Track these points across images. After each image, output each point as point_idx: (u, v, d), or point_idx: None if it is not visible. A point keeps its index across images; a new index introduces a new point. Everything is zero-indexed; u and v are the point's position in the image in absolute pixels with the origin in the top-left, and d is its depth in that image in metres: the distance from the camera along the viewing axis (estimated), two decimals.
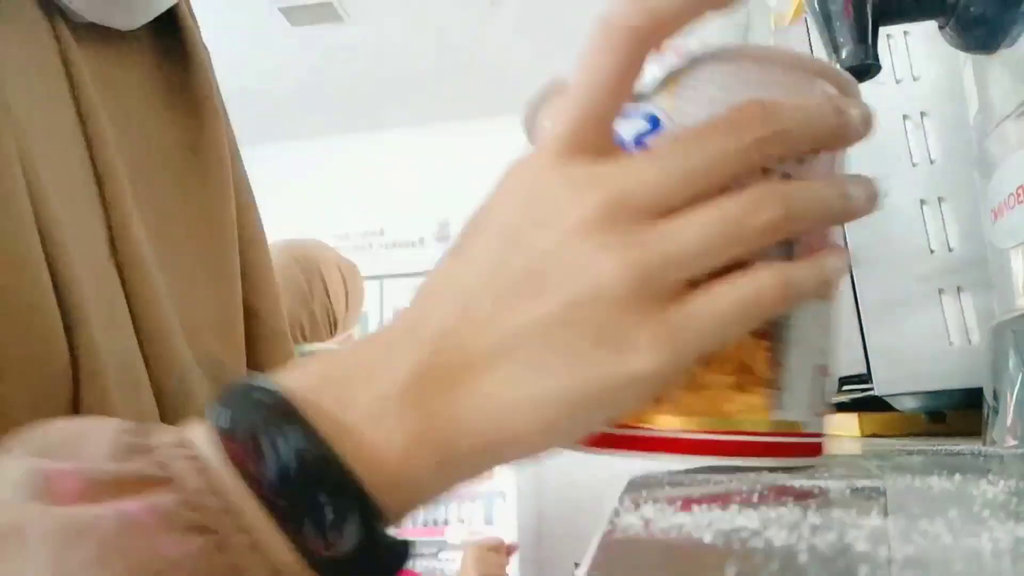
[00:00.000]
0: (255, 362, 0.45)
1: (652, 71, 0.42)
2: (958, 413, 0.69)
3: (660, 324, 0.23)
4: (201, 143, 0.44)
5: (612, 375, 0.23)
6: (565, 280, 0.23)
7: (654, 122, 0.44)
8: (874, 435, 0.72)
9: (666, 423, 0.42)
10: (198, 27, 0.46)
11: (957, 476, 0.34)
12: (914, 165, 0.71)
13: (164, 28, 0.43)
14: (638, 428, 0.43)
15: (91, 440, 0.22)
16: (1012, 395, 0.50)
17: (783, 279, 0.24)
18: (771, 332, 0.43)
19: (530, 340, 0.23)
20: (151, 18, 0.39)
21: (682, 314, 0.23)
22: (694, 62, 0.41)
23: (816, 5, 0.54)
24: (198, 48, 0.45)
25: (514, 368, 0.23)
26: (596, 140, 0.25)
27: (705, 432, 0.41)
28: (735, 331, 0.24)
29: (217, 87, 0.47)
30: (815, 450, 0.45)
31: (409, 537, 0.26)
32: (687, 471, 0.45)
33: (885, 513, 0.24)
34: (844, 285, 0.66)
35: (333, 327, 1.44)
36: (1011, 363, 0.51)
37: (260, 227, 0.49)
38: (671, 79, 0.43)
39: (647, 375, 0.23)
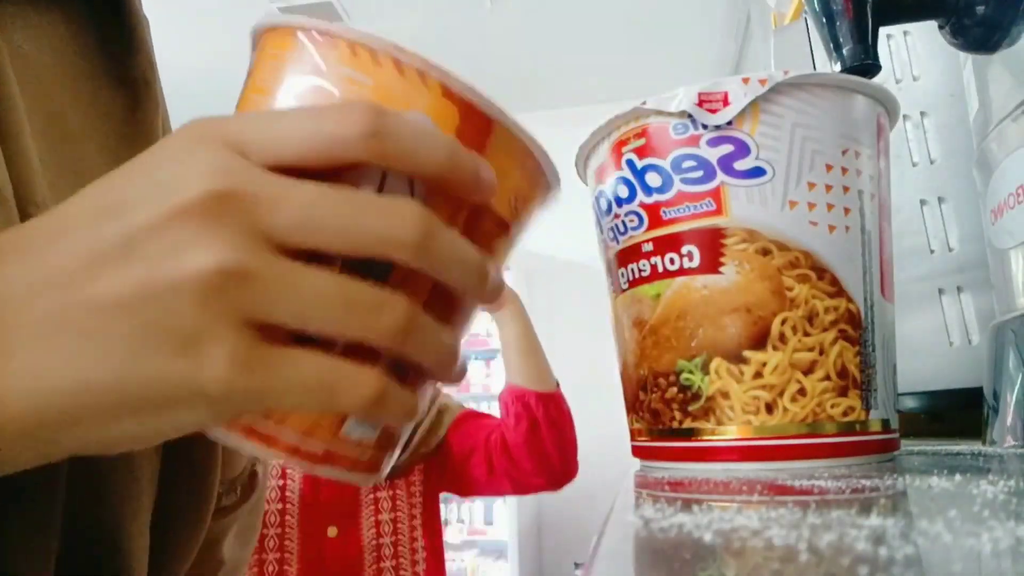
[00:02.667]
0: None
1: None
2: (958, 413, 0.69)
3: (245, 347, 0.20)
4: (133, 123, 0.43)
5: (170, 378, 0.20)
6: (150, 258, 0.20)
7: (742, 147, 0.45)
8: None
9: (760, 431, 0.44)
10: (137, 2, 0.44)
11: (957, 476, 0.34)
12: (914, 165, 0.71)
13: (102, 3, 0.42)
14: (722, 440, 0.44)
15: None
16: (1012, 395, 0.50)
17: (376, 396, 0.22)
18: (860, 337, 0.45)
19: (95, 315, 0.20)
20: None
21: (274, 354, 0.21)
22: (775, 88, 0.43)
23: (816, 5, 0.54)
24: (138, 23, 0.44)
25: (68, 341, 0.20)
26: (272, 160, 0.22)
27: (804, 437, 0.43)
28: (310, 405, 0.22)
29: (156, 70, 0.45)
30: (896, 445, 0.47)
31: None
32: (688, 472, 0.45)
33: (885, 513, 0.24)
34: None
35: None
36: (1011, 363, 0.51)
37: None
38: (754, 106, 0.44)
39: (210, 393, 0.20)
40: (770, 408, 0.43)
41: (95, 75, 0.41)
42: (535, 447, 1.03)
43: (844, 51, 0.53)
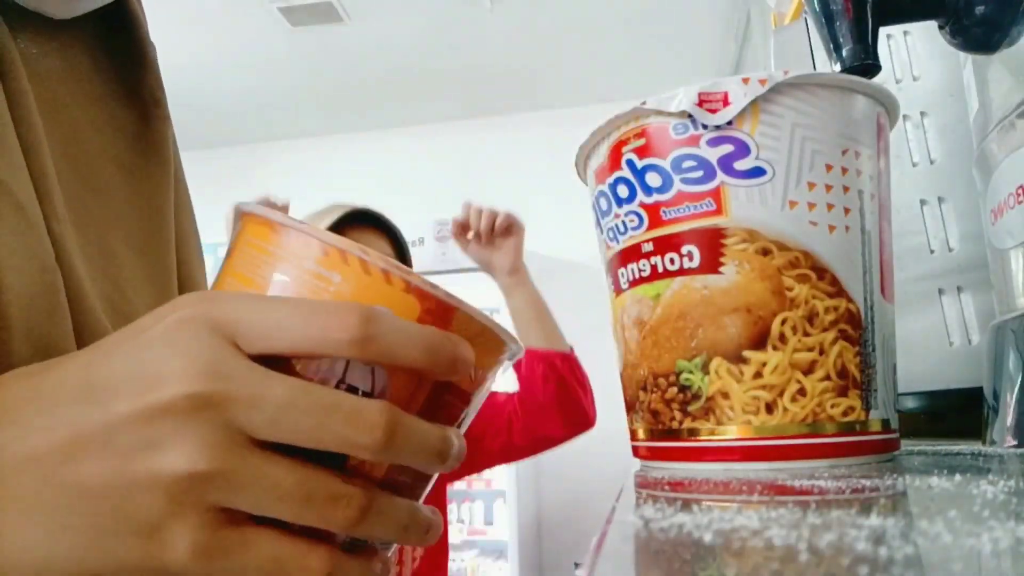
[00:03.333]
0: None
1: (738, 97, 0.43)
2: (958, 413, 0.69)
3: (207, 534, 0.22)
4: (145, 138, 0.43)
5: (136, 560, 0.22)
6: (126, 452, 0.22)
7: (742, 147, 0.45)
8: None
9: (760, 431, 0.44)
10: (146, 24, 0.45)
11: (957, 476, 0.34)
12: (914, 165, 0.71)
13: (113, 23, 0.43)
14: (722, 440, 0.44)
15: None
16: (1012, 395, 0.50)
17: (326, 574, 0.24)
18: (860, 337, 0.45)
19: (68, 498, 0.22)
20: (89, 9, 0.39)
21: (233, 538, 0.22)
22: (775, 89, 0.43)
23: (816, 5, 0.54)
24: (147, 46, 0.45)
25: (43, 520, 0.22)
26: (262, 350, 0.23)
27: (804, 437, 0.43)
28: None
29: (164, 90, 0.46)
30: (896, 445, 0.48)
31: None
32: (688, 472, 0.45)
33: (885, 513, 0.24)
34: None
35: None
36: (1011, 363, 0.51)
37: (195, 229, 0.49)
38: (753, 106, 0.44)
39: (171, 570, 0.22)
40: (770, 408, 0.43)
41: (108, 92, 0.42)
42: (566, 403, 1.06)
43: (844, 51, 0.53)
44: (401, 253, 1.05)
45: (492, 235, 1.10)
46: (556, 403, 1.06)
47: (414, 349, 0.24)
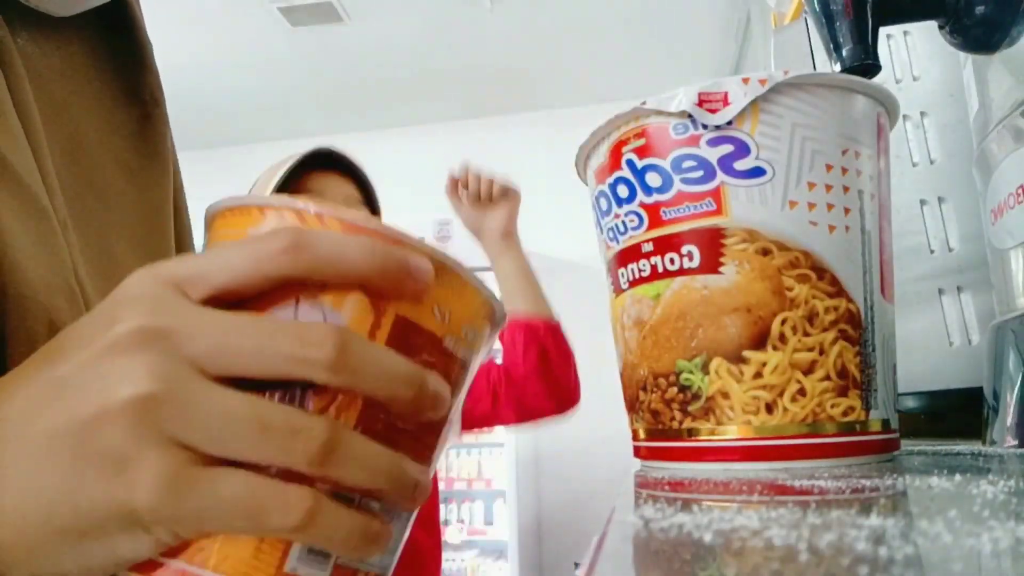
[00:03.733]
0: None
1: (738, 97, 0.43)
2: (958, 413, 0.69)
3: (173, 469, 0.21)
4: (145, 139, 0.43)
5: (103, 501, 0.21)
6: (81, 392, 0.22)
7: (742, 147, 0.45)
8: None
9: (760, 431, 0.44)
10: (144, 24, 0.46)
11: (957, 476, 0.34)
12: (914, 165, 0.71)
13: (112, 23, 0.43)
14: (722, 440, 0.45)
15: None
16: (1012, 395, 0.50)
17: (306, 514, 0.22)
18: (860, 337, 0.45)
19: (35, 448, 0.22)
20: (89, 7, 0.39)
21: (201, 474, 0.22)
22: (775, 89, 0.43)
23: (816, 5, 0.54)
24: (146, 46, 0.45)
25: (14, 476, 0.22)
26: (206, 290, 0.24)
27: (804, 437, 0.43)
28: (240, 525, 0.22)
29: (162, 90, 0.46)
30: (896, 445, 0.48)
31: None
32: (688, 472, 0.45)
33: (885, 513, 0.24)
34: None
35: None
36: (1011, 363, 0.51)
37: (191, 229, 0.49)
38: (753, 106, 0.44)
39: (141, 512, 0.21)
40: (770, 408, 0.43)
41: (108, 91, 0.42)
42: (546, 374, 1.04)
43: (844, 51, 0.53)
44: (367, 195, 1.01)
45: (488, 199, 1.08)
46: (538, 374, 1.04)
47: (354, 253, 0.23)
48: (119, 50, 0.43)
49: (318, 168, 0.97)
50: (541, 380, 1.04)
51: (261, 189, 0.96)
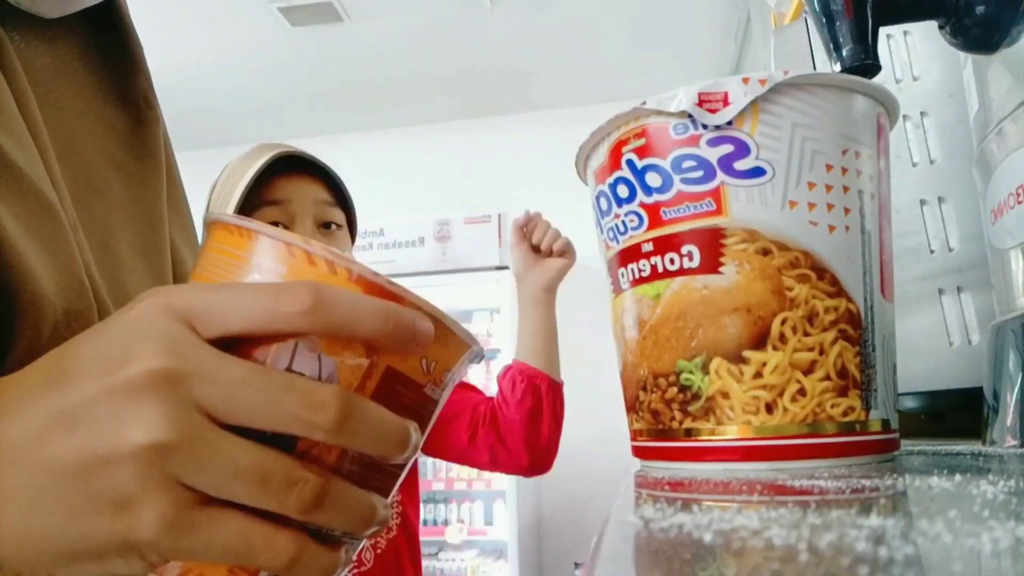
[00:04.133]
0: None
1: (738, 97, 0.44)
2: (958, 413, 0.69)
3: (174, 509, 0.23)
4: (138, 139, 0.43)
5: (105, 534, 0.23)
6: (93, 430, 0.23)
7: (742, 147, 0.45)
8: None
9: (760, 431, 0.44)
10: (134, 26, 0.46)
11: (957, 476, 0.34)
12: (914, 165, 0.71)
13: (102, 24, 0.43)
14: (722, 440, 0.45)
15: None
16: (1012, 395, 0.50)
17: (292, 558, 0.24)
18: (860, 337, 0.45)
19: (43, 477, 0.23)
20: (80, 7, 0.39)
21: (200, 515, 0.23)
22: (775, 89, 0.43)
23: (816, 5, 0.54)
24: (137, 48, 0.45)
25: (19, 501, 0.23)
26: (219, 332, 0.24)
27: (804, 437, 0.43)
28: (231, 561, 0.24)
29: (154, 91, 0.46)
30: (896, 445, 0.48)
31: None
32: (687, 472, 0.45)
33: (885, 513, 0.24)
34: None
35: None
36: (1011, 363, 0.51)
37: (192, 227, 0.49)
38: (753, 106, 0.44)
39: (140, 545, 0.23)
40: (770, 408, 0.43)
41: (100, 93, 0.42)
42: (532, 429, 1.04)
43: (844, 51, 0.53)
44: (340, 195, 0.99)
45: (547, 252, 1.10)
46: (524, 425, 1.03)
47: (369, 317, 0.24)
48: (110, 52, 0.43)
49: (286, 171, 0.94)
50: (525, 432, 1.04)
51: (224, 192, 0.94)
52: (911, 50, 0.74)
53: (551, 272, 1.08)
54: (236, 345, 0.24)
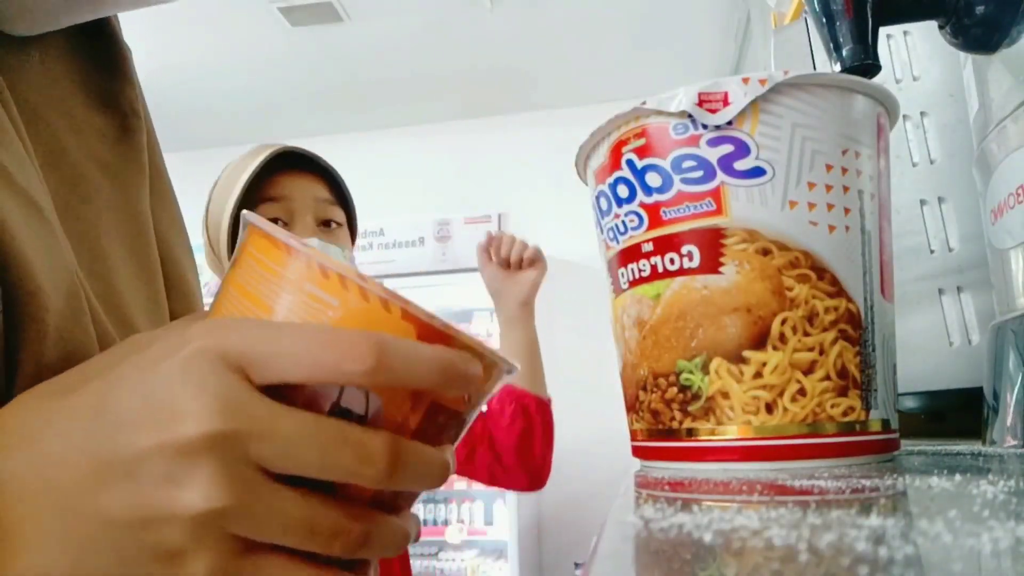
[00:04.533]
0: None
1: (739, 97, 0.44)
2: (958, 413, 0.69)
3: (224, 562, 0.23)
4: (124, 143, 0.43)
5: None
6: (149, 485, 0.23)
7: (742, 147, 0.45)
8: None
9: (760, 431, 0.44)
10: (120, 33, 0.45)
11: (957, 476, 0.34)
12: (914, 165, 0.71)
13: (89, 31, 0.43)
14: (722, 440, 0.45)
15: None
16: (1012, 395, 0.50)
17: None
18: (860, 337, 0.45)
19: (94, 527, 0.23)
20: (57, 28, 0.39)
21: (247, 564, 0.24)
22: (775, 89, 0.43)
23: (816, 5, 0.54)
24: (124, 55, 0.45)
25: (67, 549, 0.23)
26: (274, 381, 0.24)
27: (804, 437, 0.43)
28: None
29: (142, 95, 0.46)
30: (896, 445, 0.48)
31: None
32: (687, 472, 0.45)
33: (885, 513, 0.24)
34: None
35: None
36: (1011, 363, 0.51)
37: (183, 228, 0.49)
38: (754, 106, 0.44)
39: None
40: (770, 408, 0.43)
41: (87, 100, 0.42)
42: (525, 449, 1.04)
43: (844, 51, 0.53)
44: (340, 194, 0.98)
45: (516, 264, 1.09)
46: (517, 449, 1.04)
47: (426, 373, 0.25)
48: (97, 58, 0.43)
49: (287, 168, 0.93)
50: (519, 454, 1.04)
51: (225, 189, 0.93)
52: (911, 50, 0.74)
53: (525, 287, 1.08)
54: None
